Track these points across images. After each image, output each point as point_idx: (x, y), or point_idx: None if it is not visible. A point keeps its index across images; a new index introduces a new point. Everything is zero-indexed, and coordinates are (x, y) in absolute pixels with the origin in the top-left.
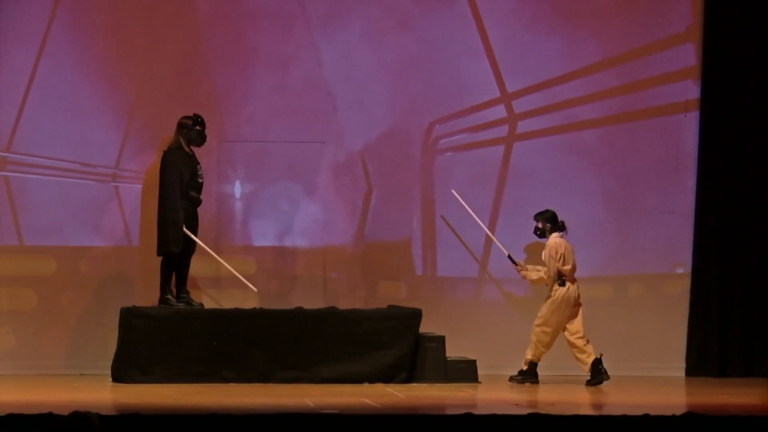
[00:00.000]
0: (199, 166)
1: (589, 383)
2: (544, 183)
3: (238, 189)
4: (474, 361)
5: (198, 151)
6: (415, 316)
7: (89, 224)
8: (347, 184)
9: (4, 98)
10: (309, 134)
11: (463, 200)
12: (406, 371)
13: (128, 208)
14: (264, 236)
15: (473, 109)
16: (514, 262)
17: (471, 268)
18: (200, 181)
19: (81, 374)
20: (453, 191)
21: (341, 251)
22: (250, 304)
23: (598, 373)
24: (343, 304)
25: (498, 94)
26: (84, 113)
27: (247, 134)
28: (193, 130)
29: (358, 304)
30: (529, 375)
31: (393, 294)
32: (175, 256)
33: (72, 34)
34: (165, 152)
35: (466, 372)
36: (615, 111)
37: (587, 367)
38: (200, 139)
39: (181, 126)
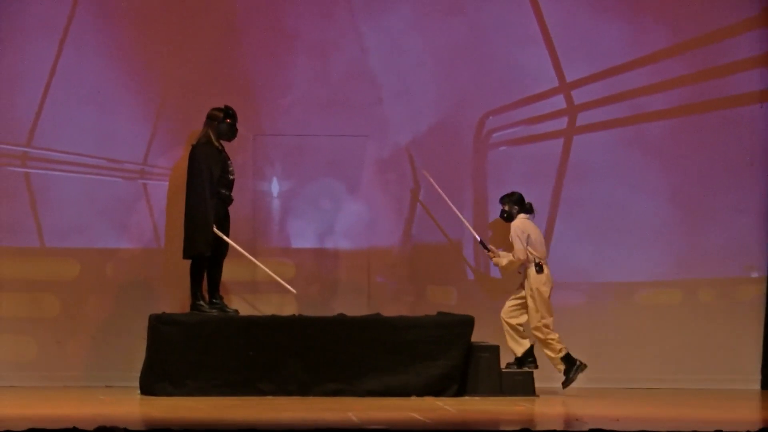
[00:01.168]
0: (229, 162)
1: (509, 365)
2: (605, 179)
3: (275, 186)
4: (531, 373)
5: (232, 146)
6: (467, 323)
7: (115, 224)
8: (393, 180)
9: (24, 89)
10: (351, 127)
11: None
12: (457, 383)
13: (157, 207)
14: (303, 237)
15: (529, 100)
16: (486, 247)
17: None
18: (231, 177)
19: (107, 386)
20: (424, 172)
21: (387, 253)
22: (288, 310)
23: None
24: (389, 311)
25: (556, 84)
26: (110, 105)
27: (284, 127)
28: (223, 123)
29: (405, 311)
30: (570, 370)
31: (442, 300)
32: (204, 258)
33: (97, 19)
34: (193, 147)
35: (522, 384)
36: (683, 101)
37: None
38: (231, 133)
39: (210, 119)
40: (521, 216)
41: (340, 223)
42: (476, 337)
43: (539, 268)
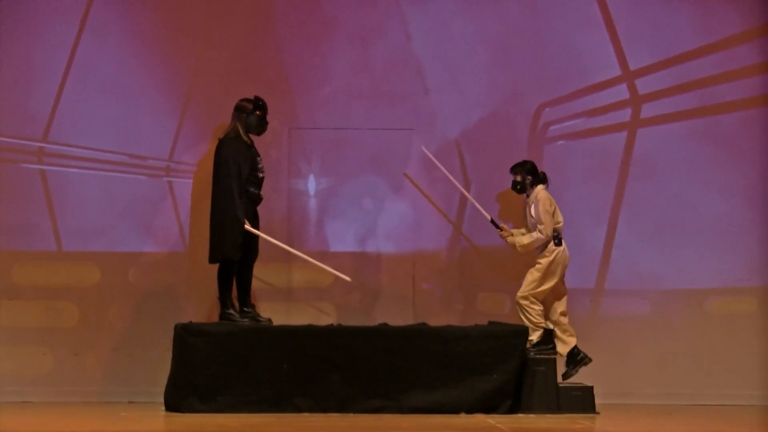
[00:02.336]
0: (259, 158)
1: (567, 374)
2: (673, 176)
3: (311, 184)
4: (591, 388)
5: (265, 141)
6: (521, 334)
7: (139, 226)
8: (441, 178)
9: (40, 79)
10: (395, 120)
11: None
12: (511, 399)
13: (184, 207)
14: (342, 240)
15: (589, 90)
16: (497, 226)
17: (587, 278)
18: (261, 175)
19: (129, 402)
20: (423, 148)
21: (434, 258)
22: (326, 319)
23: (578, 362)
24: (436, 321)
25: (619, 72)
26: (133, 97)
27: (322, 120)
28: (252, 115)
29: (454, 321)
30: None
31: (495, 309)
32: (233, 263)
33: (119, 4)
34: (220, 141)
35: (581, 400)
36: (757, 91)
37: (565, 352)
38: (260, 126)
39: (238, 110)
40: (542, 187)
41: (383, 224)
42: None
43: (558, 241)
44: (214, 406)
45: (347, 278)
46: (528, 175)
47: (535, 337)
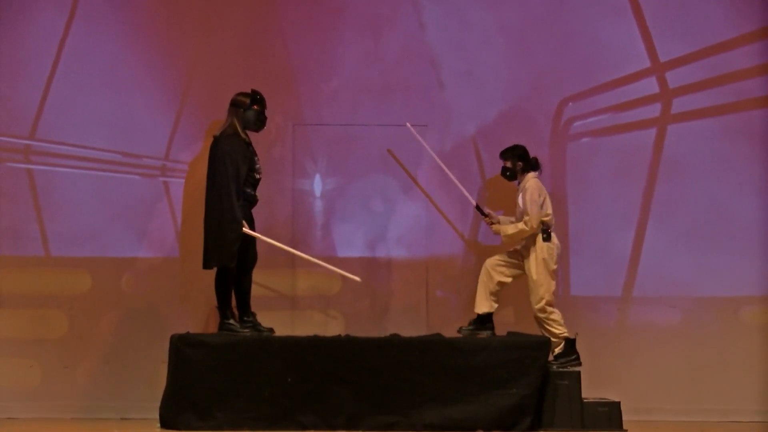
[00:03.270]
0: (256, 158)
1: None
2: (705, 176)
3: (317, 185)
4: (617, 404)
5: (268, 138)
6: (543, 346)
7: (133, 230)
8: (456, 177)
9: (27, 71)
10: (408, 116)
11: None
12: (531, 416)
13: (181, 209)
14: (351, 245)
15: (616, 83)
16: (483, 213)
17: (614, 285)
18: (258, 176)
19: (122, 418)
20: (408, 124)
21: (449, 264)
22: (333, 330)
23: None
24: (451, 331)
25: (648, 64)
26: (126, 91)
27: (329, 116)
28: (250, 110)
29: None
30: (567, 357)
31: (514, 318)
32: (230, 269)
33: None
34: (216, 138)
35: (607, 417)
36: None
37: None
38: (259, 122)
39: (235, 105)
40: (532, 175)
41: (394, 227)
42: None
43: (547, 235)
44: (213, 423)
45: (356, 278)
46: (519, 161)
47: (558, 348)
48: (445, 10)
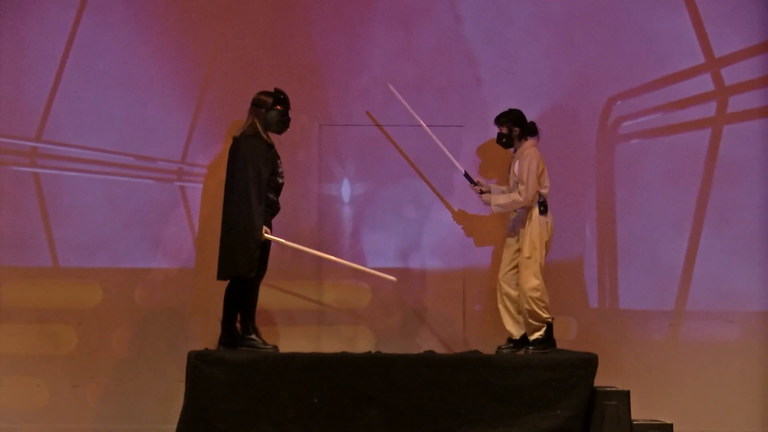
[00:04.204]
0: (279, 161)
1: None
2: (764, 180)
3: (345, 190)
4: (670, 426)
5: (290, 139)
6: (589, 363)
7: (147, 238)
8: (494, 183)
9: (33, 68)
10: (443, 115)
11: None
12: None
13: (198, 216)
14: (381, 254)
15: (668, 81)
16: (471, 181)
17: (665, 298)
18: (280, 181)
19: None
20: (389, 85)
21: (487, 275)
22: (363, 346)
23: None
24: (490, 347)
25: (702, 60)
26: (140, 89)
27: (358, 116)
28: (272, 110)
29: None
30: (547, 344)
31: (558, 333)
32: (248, 281)
33: None
34: (236, 139)
35: None
36: None
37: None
38: (282, 123)
39: (256, 105)
40: (531, 143)
41: (429, 236)
42: (600, 380)
43: (544, 208)
44: None
45: (392, 278)
46: (515, 126)
47: (539, 333)
48: (483, 1)
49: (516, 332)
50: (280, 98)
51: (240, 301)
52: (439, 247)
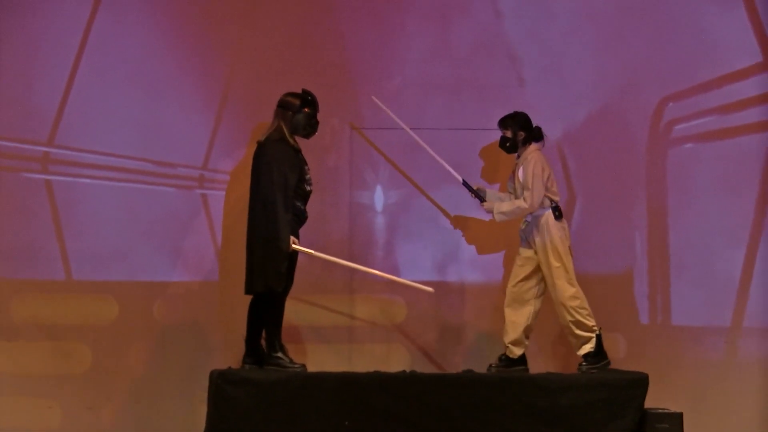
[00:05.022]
0: (306, 167)
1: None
2: None
3: (379, 197)
4: None
5: (319, 143)
6: (640, 383)
7: (166, 249)
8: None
9: (45, 69)
10: (482, 118)
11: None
12: None
13: (221, 226)
14: (417, 267)
15: (724, 80)
16: (471, 189)
17: (721, 313)
18: (308, 188)
19: None
20: (373, 98)
21: None
22: (397, 365)
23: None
24: (534, 367)
25: (760, 59)
26: (158, 91)
27: (392, 119)
28: (300, 113)
29: (555, 366)
30: (598, 359)
31: (607, 351)
32: (276, 295)
33: None
34: (260, 144)
35: None
36: None
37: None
38: (309, 126)
39: (283, 107)
40: (535, 147)
41: (468, 247)
42: (651, 401)
43: (559, 213)
44: None
45: (429, 289)
46: (521, 130)
47: (588, 346)
48: None
49: (517, 349)
50: (308, 100)
51: (266, 317)
52: (479, 258)
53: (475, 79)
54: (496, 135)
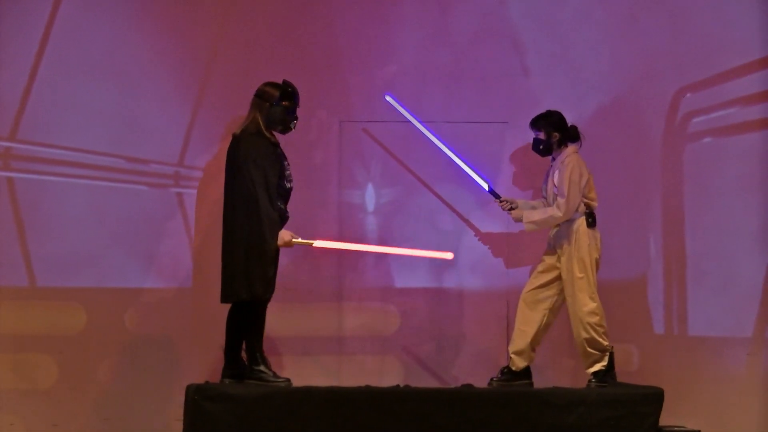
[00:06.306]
0: (286, 163)
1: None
2: None
3: (370, 196)
4: None
5: (305, 137)
6: (654, 399)
7: (138, 254)
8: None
9: (6, 58)
10: (484, 111)
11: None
12: None
13: (197, 227)
14: (412, 272)
15: (745, 71)
16: (497, 196)
17: (743, 323)
18: (288, 185)
19: None
20: (388, 98)
21: None
22: (391, 378)
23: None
24: (540, 380)
25: None
26: (131, 82)
27: (385, 111)
28: (278, 106)
29: (564, 380)
30: (606, 375)
31: (618, 364)
32: (261, 303)
33: None
34: (236, 137)
35: None
36: None
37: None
38: (286, 121)
39: (260, 97)
40: (573, 149)
41: (467, 251)
42: (667, 418)
43: (593, 220)
44: None
45: (448, 255)
46: (555, 131)
47: (600, 364)
48: None
49: (520, 361)
50: (287, 92)
51: (247, 326)
52: (480, 263)
53: (475, 67)
54: (497, 128)
